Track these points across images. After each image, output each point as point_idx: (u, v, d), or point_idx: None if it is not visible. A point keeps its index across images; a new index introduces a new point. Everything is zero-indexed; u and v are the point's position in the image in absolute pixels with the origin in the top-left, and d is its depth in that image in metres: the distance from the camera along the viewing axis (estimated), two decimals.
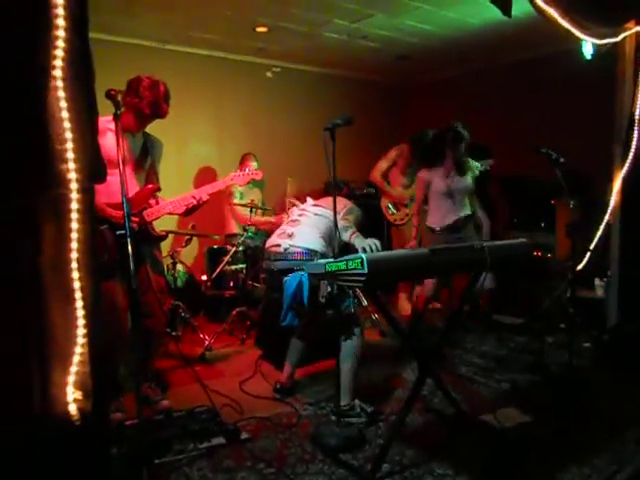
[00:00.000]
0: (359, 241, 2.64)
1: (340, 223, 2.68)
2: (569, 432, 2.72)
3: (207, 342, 4.03)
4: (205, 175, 5.73)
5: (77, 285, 1.56)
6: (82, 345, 1.58)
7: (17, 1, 1.45)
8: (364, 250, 2.53)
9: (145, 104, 2.81)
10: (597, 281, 4.58)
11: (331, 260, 2.21)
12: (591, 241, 4.25)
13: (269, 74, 6.11)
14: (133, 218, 2.82)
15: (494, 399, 3.10)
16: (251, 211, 4.52)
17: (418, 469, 2.38)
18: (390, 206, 5.13)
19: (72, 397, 1.57)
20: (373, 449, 2.54)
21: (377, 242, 2.56)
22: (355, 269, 2.04)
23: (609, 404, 3.04)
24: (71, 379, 1.57)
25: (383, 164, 5.06)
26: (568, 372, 3.40)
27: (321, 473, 2.35)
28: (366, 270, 1.99)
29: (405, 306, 5.07)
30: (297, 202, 3.98)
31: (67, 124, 1.51)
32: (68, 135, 1.52)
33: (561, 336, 4.07)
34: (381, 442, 2.54)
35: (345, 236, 2.68)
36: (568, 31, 3.45)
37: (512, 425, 2.74)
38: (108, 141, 2.69)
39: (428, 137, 4.92)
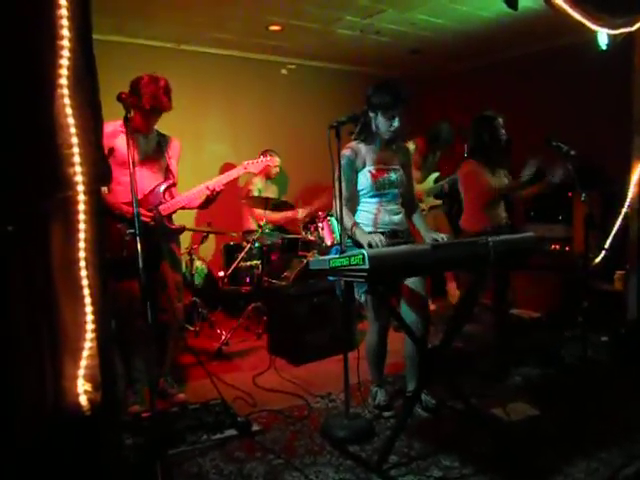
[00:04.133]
0: (361, 234, 2.68)
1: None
2: (579, 426, 2.72)
3: (224, 337, 4.12)
4: (224, 172, 5.80)
5: (85, 282, 1.64)
6: (91, 339, 1.66)
7: (22, 13, 1.52)
8: (370, 245, 2.55)
9: (145, 100, 2.84)
10: (616, 274, 4.52)
11: (335, 256, 2.26)
12: (609, 234, 4.20)
13: (284, 71, 6.15)
14: (148, 213, 2.90)
15: (506, 393, 3.11)
16: (265, 207, 4.59)
17: (425, 461, 2.41)
18: None
19: (82, 389, 1.65)
20: (382, 441, 2.58)
21: (382, 238, 2.59)
22: (357, 265, 2.08)
23: (622, 398, 3.02)
24: (81, 372, 1.65)
25: None
26: (583, 366, 3.39)
27: (329, 464, 2.40)
28: (367, 266, 2.03)
29: (455, 294, 5.12)
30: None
31: (73, 130, 1.58)
32: (74, 140, 1.59)
33: (579, 330, 4.05)
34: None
35: (348, 225, 2.71)
36: (580, 22, 3.41)
37: (521, 419, 2.76)
38: (121, 143, 2.77)
39: (444, 131, 4.88)
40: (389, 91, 2.75)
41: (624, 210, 4.12)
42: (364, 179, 2.82)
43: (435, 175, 5.02)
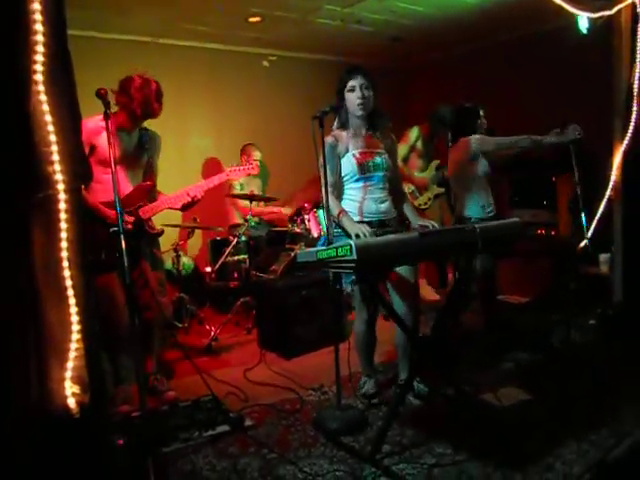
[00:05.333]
0: (348, 223, 2.67)
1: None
2: (569, 409, 2.75)
3: (213, 333, 4.10)
4: (208, 166, 5.76)
5: (69, 283, 1.61)
6: (77, 340, 1.63)
7: None
8: (357, 236, 2.55)
9: (136, 105, 2.84)
10: (601, 257, 4.56)
11: (322, 248, 2.25)
12: (593, 217, 4.23)
13: (265, 63, 6.09)
14: (128, 216, 2.86)
15: (497, 378, 3.13)
16: (251, 202, 4.56)
17: (418, 449, 2.42)
18: (415, 191, 4.98)
19: (70, 391, 1.63)
20: (375, 431, 2.58)
21: (369, 228, 2.59)
22: (345, 256, 2.07)
23: (611, 380, 3.05)
24: (68, 374, 1.62)
25: (403, 148, 4.81)
26: (571, 349, 3.42)
27: (322, 456, 2.40)
28: (355, 256, 2.02)
29: (426, 292, 4.95)
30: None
31: (50, 127, 1.54)
32: (52, 138, 1.55)
33: (566, 314, 4.09)
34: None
35: (334, 213, 2.71)
36: (561, 6, 3.42)
37: (512, 404, 2.78)
38: (103, 140, 2.72)
39: (449, 112, 4.71)
40: (346, 69, 2.84)
41: (607, 193, 4.15)
42: (348, 164, 2.80)
43: (436, 162, 4.96)
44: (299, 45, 5.98)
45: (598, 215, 4.21)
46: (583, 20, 3.73)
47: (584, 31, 3.78)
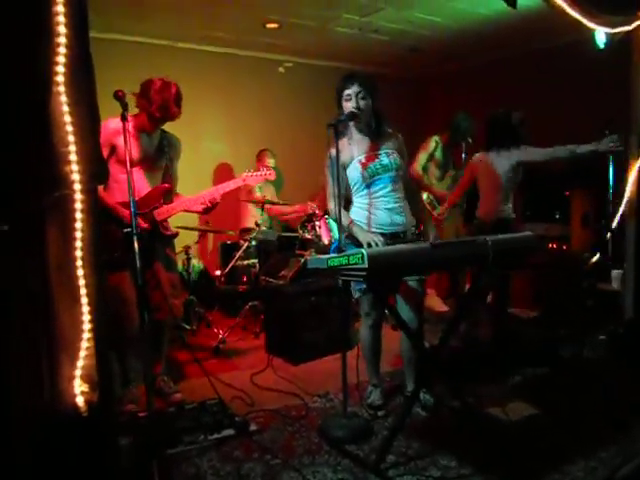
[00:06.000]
0: (360, 231, 2.66)
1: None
2: (578, 425, 2.72)
3: (221, 336, 4.11)
4: (221, 172, 5.80)
5: (82, 282, 1.62)
6: (88, 340, 1.64)
7: (19, 9, 1.50)
8: (369, 245, 2.55)
9: (155, 108, 2.86)
10: (614, 273, 4.53)
11: (333, 255, 2.25)
12: (606, 233, 4.21)
13: (281, 69, 6.13)
14: (143, 218, 2.88)
15: (504, 392, 3.10)
16: (263, 207, 4.58)
17: (423, 460, 2.40)
18: (434, 201, 4.90)
19: (79, 390, 1.64)
20: (380, 441, 2.57)
21: (381, 239, 2.59)
22: (356, 264, 2.07)
23: (621, 397, 3.02)
24: (78, 372, 1.63)
25: (422, 156, 4.81)
26: (579, 364, 3.39)
27: (326, 464, 2.39)
28: (367, 265, 2.02)
29: (434, 303, 4.96)
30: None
31: (69, 127, 1.57)
32: (71, 138, 1.57)
33: (576, 329, 4.06)
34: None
35: (344, 223, 2.70)
36: (578, 21, 3.41)
37: (520, 418, 2.75)
38: (122, 141, 2.75)
39: (462, 119, 4.65)
40: (342, 77, 2.82)
41: (621, 209, 4.12)
42: (354, 171, 2.77)
43: (453, 173, 4.92)
44: (315, 52, 6.02)
45: (611, 231, 4.18)
46: (600, 35, 3.71)
47: (601, 46, 3.76)
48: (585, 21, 3.38)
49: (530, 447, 2.50)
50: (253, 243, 4.56)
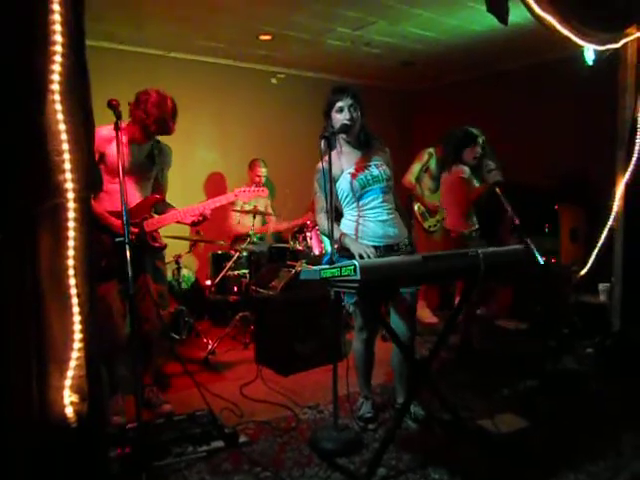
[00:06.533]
0: (351, 242, 2.67)
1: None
2: (567, 438, 2.72)
3: (210, 346, 4.08)
4: (213, 181, 5.80)
5: (74, 292, 1.61)
6: (79, 350, 1.63)
7: (15, 17, 1.50)
8: (360, 256, 2.55)
9: (151, 121, 2.85)
10: (601, 286, 4.57)
11: (326, 267, 2.25)
12: (594, 247, 4.25)
13: (274, 81, 6.16)
14: (133, 228, 2.86)
15: (493, 404, 3.11)
16: (254, 217, 4.58)
17: (414, 473, 2.40)
18: (425, 212, 4.96)
19: (69, 400, 1.62)
20: (370, 453, 2.56)
21: (373, 251, 2.60)
22: (348, 276, 2.07)
23: (608, 410, 3.04)
24: (68, 383, 1.62)
25: (416, 167, 4.84)
26: (566, 377, 3.41)
27: (317, 477, 2.38)
28: (359, 277, 2.02)
29: (424, 314, 4.95)
30: None
31: (64, 136, 1.57)
32: (65, 147, 1.57)
33: (564, 341, 4.09)
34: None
35: (336, 234, 2.69)
36: (568, 38, 3.47)
37: (510, 431, 2.76)
38: (113, 150, 2.75)
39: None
40: (332, 89, 2.84)
41: (609, 223, 4.17)
42: (344, 183, 2.77)
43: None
44: (308, 64, 6.06)
45: (599, 245, 4.23)
46: (589, 52, 3.78)
47: (590, 62, 3.83)
48: (575, 38, 3.44)
49: (520, 460, 2.50)
50: (244, 254, 4.55)
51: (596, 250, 4.22)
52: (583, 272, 4.34)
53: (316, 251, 4.56)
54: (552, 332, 4.23)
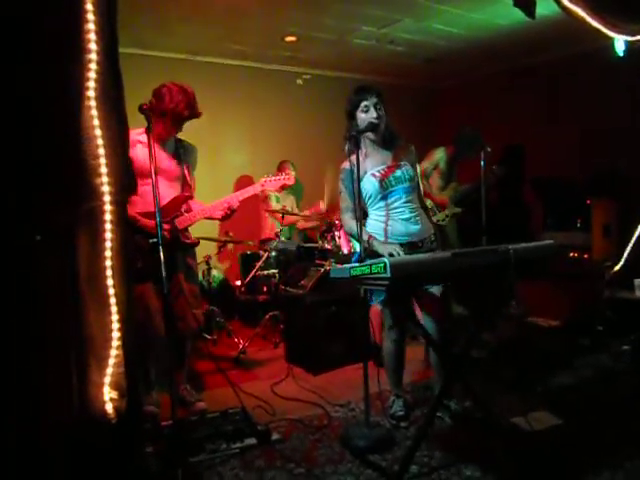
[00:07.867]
0: (379, 245, 2.68)
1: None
2: (601, 436, 2.68)
3: (241, 346, 4.14)
4: (242, 184, 5.82)
5: (111, 292, 1.66)
6: (117, 347, 1.68)
7: (52, 28, 1.56)
8: (390, 255, 2.55)
9: (183, 107, 2.89)
10: (636, 282, 4.47)
11: (355, 265, 2.26)
12: (628, 242, 4.17)
13: (299, 81, 6.20)
14: (165, 226, 2.92)
15: (526, 402, 3.07)
16: (283, 217, 4.62)
17: (446, 471, 2.39)
18: (434, 207, 4.89)
19: (108, 397, 1.67)
20: (402, 450, 2.56)
21: (400, 248, 2.60)
22: (378, 273, 2.08)
23: None
24: (107, 380, 1.67)
25: (426, 165, 4.82)
26: (604, 375, 3.34)
27: (349, 473, 2.39)
28: (389, 274, 2.03)
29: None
30: None
31: (100, 140, 1.62)
32: (101, 151, 1.62)
33: (598, 338, 4.01)
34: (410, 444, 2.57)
35: (364, 236, 2.69)
36: (597, 29, 3.40)
37: (543, 428, 2.72)
38: (138, 153, 2.81)
39: (466, 133, 4.75)
40: (355, 89, 2.81)
41: None
42: (368, 184, 2.77)
43: (455, 184, 4.94)
44: (333, 64, 6.08)
45: (634, 239, 4.14)
46: (619, 43, 3.70)
47: (620, 54, 3.75)
48: (604, 29, 3.38)
49: (554, 458, 2.47)
50: (273, 253, 4.60)
51: (630, 245, 4.14)
52: (617, 267, 4.26)
53: (345, 250, 4.58)
54: (585, 329, 4.15)
